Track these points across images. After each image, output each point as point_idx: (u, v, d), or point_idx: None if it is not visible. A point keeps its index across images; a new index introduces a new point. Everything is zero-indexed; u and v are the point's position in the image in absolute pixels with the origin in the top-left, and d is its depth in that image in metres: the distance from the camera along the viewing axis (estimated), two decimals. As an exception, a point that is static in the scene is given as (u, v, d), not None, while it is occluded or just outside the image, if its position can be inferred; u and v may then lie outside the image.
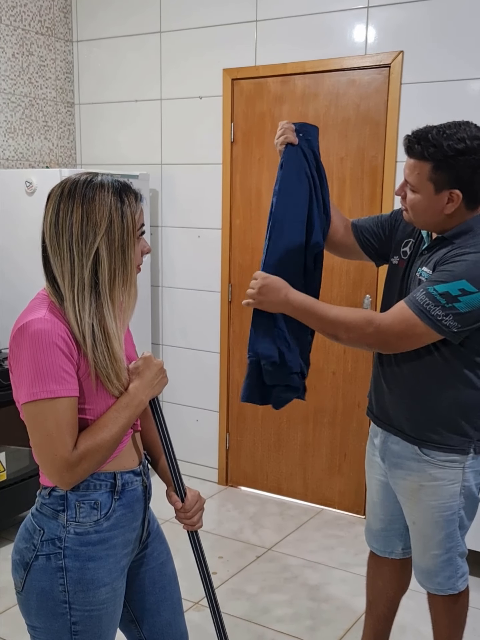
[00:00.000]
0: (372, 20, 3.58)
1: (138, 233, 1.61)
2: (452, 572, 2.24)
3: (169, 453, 1.73)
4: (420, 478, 2.16)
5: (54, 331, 1.49)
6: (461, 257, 1.95)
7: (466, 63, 3.37)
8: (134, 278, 1.60)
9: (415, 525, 2.24)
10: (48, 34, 4.37)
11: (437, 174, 1.96)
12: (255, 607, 3.11)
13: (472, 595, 3.09)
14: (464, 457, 2.12)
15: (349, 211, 3.76)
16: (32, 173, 3.91)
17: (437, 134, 1.95)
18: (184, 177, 4.28)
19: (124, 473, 1.65)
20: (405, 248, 2.21)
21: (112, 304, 1.56)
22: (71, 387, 1.50)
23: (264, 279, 2.11)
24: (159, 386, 1.66)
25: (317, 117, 3.80)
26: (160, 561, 1.81)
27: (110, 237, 1.53)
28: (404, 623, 2.89)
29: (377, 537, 2.44)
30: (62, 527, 1.59)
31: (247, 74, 3.96)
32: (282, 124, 2.27)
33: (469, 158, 1.94)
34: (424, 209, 2.02)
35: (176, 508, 1.77)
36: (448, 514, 2.17)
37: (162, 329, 4.52)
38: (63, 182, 1.58)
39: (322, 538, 3.75)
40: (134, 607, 1.79)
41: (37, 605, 1.60)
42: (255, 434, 4.27)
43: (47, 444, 1.49)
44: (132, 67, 4.36)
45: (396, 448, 2.21)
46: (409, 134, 2.02)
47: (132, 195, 1.59)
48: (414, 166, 1.99)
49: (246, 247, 4.12)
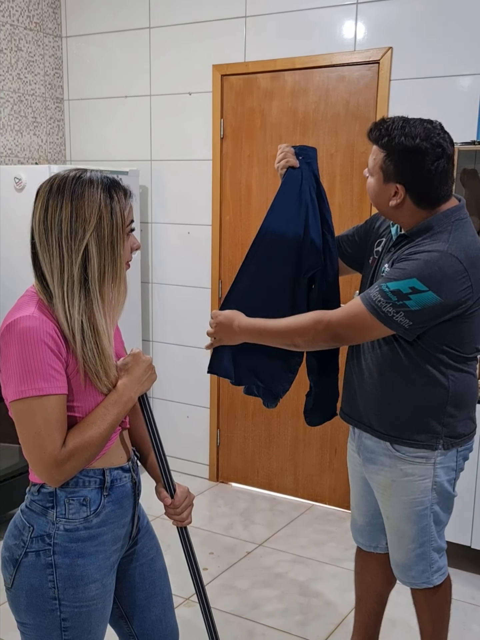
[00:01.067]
0: (361, 16, 3.58)
1: (127, 229, 1.60)
2: (425, 566, 2.25)
3: (157, 449, 1.73)
4: (392, 473, 2.18)
5: (42, 329, 1.49)
6: (415, 255, 1.97)
7: (455, 59, 3.38)
8: (124, 274, 1.60)
9: (388, 520, 2.26)
10: (37, 30, 4.35)
11: (386, 164, 2.01)
12: (245, 603, 3.12)
13: (461, 589, 3.14)
14: (432, 453, 2.13)
15: (338, 207, 3.76)
16: (21, 169, 3.90)
17: (396, 127, 1.99)
18: (174, 173, 4.28)
19: (113, 469, 1.65)
20: (378, 247, 2.24)
21: (101, 300, 1.55)
22: (60, 384, 1.50)
23: (216, 317, 2.23)
24: (147, 382, 1.66)
25: (306, 113, 3.81)
26: (150, 557, 1.81)
27: (100, 233, 1.53)
28: (394, 617, 2.91)
29: (362, 532, 2.45)
30: (51, 524, 1.59)
31: (237, 70, 3.96)
32: (282, 147, 2.29)
33: (415, 157, 1.96)
34: (375, 194, 2.09)
35: (165, 504, 1.78)
36: (420, 509, 2.18)
37: (152, 325, 4.52)
38: (52, 178, 1.57)
39: (312, 533, 3.76)
40: (123, 603, 1.79)
41: (27, 601, 1.60)
42: (246, 430, 4.27)
43: (35, 442, 1.49)
44: (121, 63, 4.35)
45: (369, 443, 2.23)
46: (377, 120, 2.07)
47: (122, 191, 1.58)
48: (373, 151, 2.06)
49: (236, 243, 4.12)
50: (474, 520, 3.21)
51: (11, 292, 3.91)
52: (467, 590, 3.19)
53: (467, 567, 3.34)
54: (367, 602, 2.56)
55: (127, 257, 1.63)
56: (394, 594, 2.59)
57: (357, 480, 2.40)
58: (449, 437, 2.13)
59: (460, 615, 2.98)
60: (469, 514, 3.21)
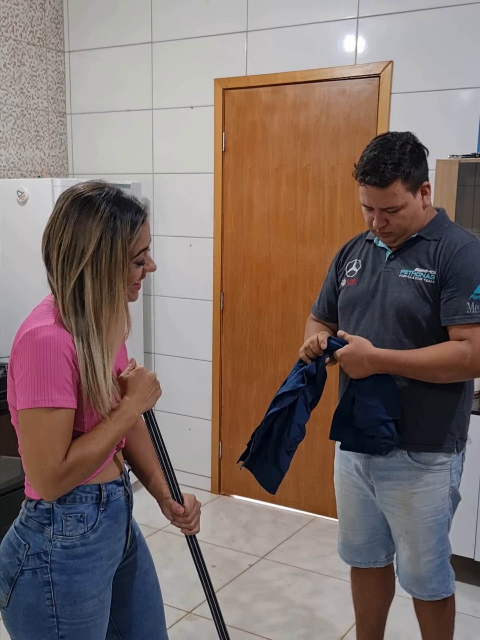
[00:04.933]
0: (361, 30, 3.61)
1: (134, 261, 1.55)
2: (444, 575, 2.25)
3: (165, 462, 1.73)
4: (411, 486, 2.17)
5: (62, 341, 1.47)
6: (462, 254, 2.05)
7: (455, 73, 3.40)
8: (122, 307, 1.54)
9: (407, 535, 2.23)
10: (40, 45, 4.38)
11: (407, 182, 2.06)
12: (248, 616, 3.10)
13: (464, 602, 3.12)
14: (449, 458, 2.16)
15: (340, 220, 3.78)
16: (24, 183, 3.91)
17: (382, 156, 2.04)
18: (176, 186, 4.29)
19: (108, 484, 1.64)
20: (352, 268, 2.27)
21: (97, 331, 1.51)
22: (72, 398, 1.49)
23: None
24: (152, 399, 1.65)
25: (307, 127, 3.83)
26: (144, 569, 1.80)
27: (96, 266, 1.49)
28: (397, 631, 2.89)
29: (360, 550, 2.43)
30: (48, 541, 1.57)
31: (238, 83, 3.98)
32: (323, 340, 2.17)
33: (421, 150, 2.11)
34: (411, 217, 2.11)
35: (178, 514, 1.77)
36: (440, 517, 2.19)
37: (154, 337, 4.52)
38: (67, 193, 1.55)
39: (315, 546, 3.75)
40: (117, 617, 1.76)
41: (24, 620, 1.58)
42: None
43: (37, 453, 1.47)
44: (124, 77, 4.38)
45: (381, 460, 2.21)
46: (363, 173, 2.07)
47: (128, 222, 1.52)
48: (388, 193, 2.06)
49: (238, 255, 4.13)
50: (477, 533, 3.20)
51: (14, 303, 3.93)
52: (470, 603, 3.17)
53: (471, 580, 3.32)
54: (369, 618, 2.55)
55: (131, 288, 1.59)
56: (398, 607, 2.58)
57: (352, 501, 2.38)
58: (461, 439, 2.18)
59: (463, 628, 2.96)
60: (473, 527, 3.20)
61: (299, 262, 3.94)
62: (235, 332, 4.22)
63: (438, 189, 3.19)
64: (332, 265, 2.39)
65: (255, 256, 4.07)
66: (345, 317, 2.27)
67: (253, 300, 4.14)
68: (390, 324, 2.13)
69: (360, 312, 2.21)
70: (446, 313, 2.06)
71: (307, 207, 3.90)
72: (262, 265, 4.06)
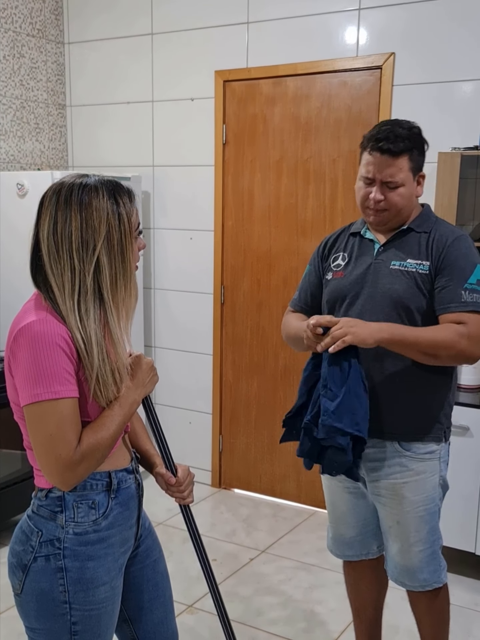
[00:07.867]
0: (363, 22, 3.59)
1: (135, 233, 1.61)
2: (436, 565, 2.25)
3: (157, 432, 1.76)
4: (402, 475, 2.18)
5: (56, 332, 1.49)
6: (454, 246, 2.08)
7: (457, 65, 3.38)
8: (134, 278, 1.61)
9: (399, 525, 2.23)
10: (39, 36, 4.36)
11: (412, 162, 2.09)
12: (248, 610, 3.10)
13: (465, 596, 3.12)
14: (438, 447, 2.17)
15: (341, 213, 3.77)
16: (23, 175, 3.90)
17: (397, 129, 2.08)
18: (176, 178, 4.28)
19: (118, 471, 1.66)
20: (338, 261, 2.27)
21: (114, 308, 1.56)
22: (73, 387, 1.50)
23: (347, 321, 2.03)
24: (150, 384, 1.68)
25: (309, 119, 3.81)
26: (154, 559, 1.82)
27: (110, 242, 1.53)
28: (396, 624, 2.89)
29: (352, 543, 2.43)
30: (60, 528, 1.59)
31: (239, 75, 3.96)
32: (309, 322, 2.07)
33: (421, 138, 2.15)
34: (407, 199, 2.13)
35: (170, 483, 1.80)
36: (431, 507, 2.20)
37: (154, 331, 4.51)
38: (56, 188, 1.56)
39: (315, 540, 3.74)
40: (127, 605, 1.78)
41: (37, 606, 1.60)
42: (249, 436, 4.26)
43: (50, 444, 1.48)
44: (124, 69, 4.36)
45: (371, 452, 2.19)
46: (377, 139, 2.08)
47: (126, 195, 1.59)
48: (396, 164, 2.07)
49: (238, 248, 4.12)
50: (478, 527, 3.19)
51: (13, 297, 3.92)
52: (471, 597, 3.17)
53: (471, 574, 3.32)
54: (365, 611, 2.56)
55: (136, 260, 1.64)
56: (398, 600, 2.58)
57: (342, 494, 2.37)
58: (448, 429, 2.21)
59: (463, 622, 2.96)
60: (474, 521, 3.19)
61: (299, 255, 3.92)
62: (235, 325, 4.21)
63: (440, 182, 3.17)
64: (316, 259, 2.37)
65: (256, 249, 4.06)
66: (333, 309, 2.26)
67: (254, 293, 4.13)
68: (382, 315, 2.11)
69: (348, 303, 2.20)
70: (441, 302, 2.06)
71: (308, 199, 3.88)
72: (263, 258, 4.05)
